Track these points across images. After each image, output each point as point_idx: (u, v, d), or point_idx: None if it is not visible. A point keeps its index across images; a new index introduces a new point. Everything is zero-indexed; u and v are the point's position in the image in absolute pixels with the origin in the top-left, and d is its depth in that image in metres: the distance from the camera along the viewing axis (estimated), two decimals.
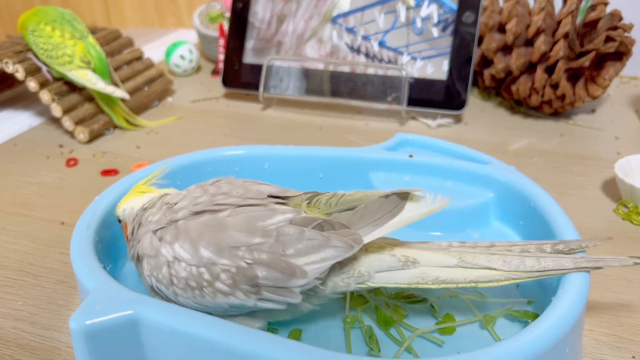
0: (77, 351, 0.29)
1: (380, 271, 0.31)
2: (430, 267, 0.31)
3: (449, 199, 0.30)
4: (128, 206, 0.35)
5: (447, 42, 0.64)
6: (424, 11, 0.65)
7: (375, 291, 0.36)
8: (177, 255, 0.30)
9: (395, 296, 0.36)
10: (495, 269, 0.31)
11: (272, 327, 0.34)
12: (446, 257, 0.31)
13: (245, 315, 0.32)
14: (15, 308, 0.38)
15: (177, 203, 0.33)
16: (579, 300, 0.29)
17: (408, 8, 0.65)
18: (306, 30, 0.69)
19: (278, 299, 0.30)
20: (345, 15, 0.68)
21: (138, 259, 0.33)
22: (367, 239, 0.30)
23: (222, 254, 0.29)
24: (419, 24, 0.65)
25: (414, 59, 0.65)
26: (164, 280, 0.30)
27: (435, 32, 0.65)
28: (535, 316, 0.33)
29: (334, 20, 0.68)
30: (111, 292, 0.30)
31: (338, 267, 0.31)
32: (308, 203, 0.32)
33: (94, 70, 0.62)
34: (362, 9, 0.67)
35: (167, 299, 0.31)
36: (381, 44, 0.67)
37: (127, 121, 0.66)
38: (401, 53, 0.66)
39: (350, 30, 0.68)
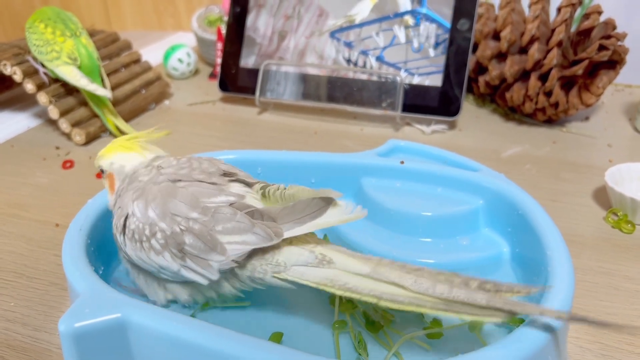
0: (66, 353, 0.29)
1: (297, 265, 0.33)
2: (343, 271, 0.32)
3: (367, 211, 0.33)
4: (117, 161, 0.38)
5: (444, 59, 0.65)
6: (423, 30, 0.65)
7: None
8: (134, 210, 0.34)
9: None
10: (403, 287, 0.31)
11: (257, 323, 0.35)
12: (361, 264, 0.32)
13: (175, 283, 0.35)
14: (7, 309, 0.39)
15: (164, 168, 0.36)
16: (563, 307, 0.30)
17: (407, 27, 0.66)
18: (307, 47, 0.69)
19: (198, 270, 0.32)
20: (344, 30, 0.69)
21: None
22: (287, 234, 0.32)
23: (164, 218, 0.33)
24: (415, 43, 0.65)
25: (411, 74, 0.66)
26: (120, 228, 0.34)
27: (432, 52, 0.65)
28: (521, 322, 0.34)
29: (332, 35, 0.69)
30: (100, 295, 0.31)
31: (260, 252, 0.33)
32: (262, 193, 0.35)
33: (81, 68, 0.62)
34: (360, 25, 0.68)
35: (119, 246, 0.35)
36: (379, 59, 0.67)
37: (116, 127, 0.66)
38: (399, 68, 0.66)
39: (348, 45, 0.68)
